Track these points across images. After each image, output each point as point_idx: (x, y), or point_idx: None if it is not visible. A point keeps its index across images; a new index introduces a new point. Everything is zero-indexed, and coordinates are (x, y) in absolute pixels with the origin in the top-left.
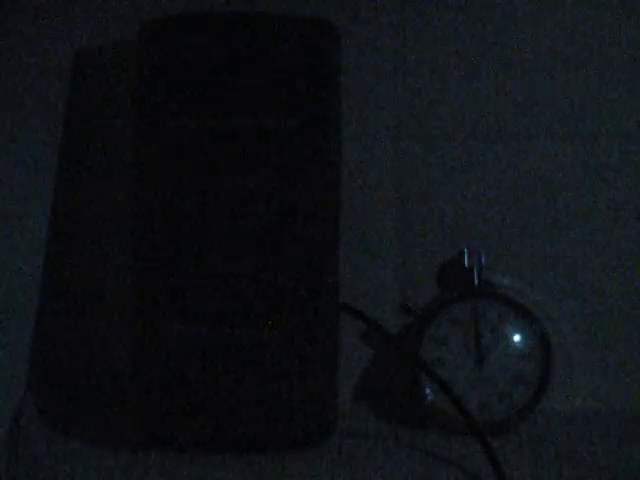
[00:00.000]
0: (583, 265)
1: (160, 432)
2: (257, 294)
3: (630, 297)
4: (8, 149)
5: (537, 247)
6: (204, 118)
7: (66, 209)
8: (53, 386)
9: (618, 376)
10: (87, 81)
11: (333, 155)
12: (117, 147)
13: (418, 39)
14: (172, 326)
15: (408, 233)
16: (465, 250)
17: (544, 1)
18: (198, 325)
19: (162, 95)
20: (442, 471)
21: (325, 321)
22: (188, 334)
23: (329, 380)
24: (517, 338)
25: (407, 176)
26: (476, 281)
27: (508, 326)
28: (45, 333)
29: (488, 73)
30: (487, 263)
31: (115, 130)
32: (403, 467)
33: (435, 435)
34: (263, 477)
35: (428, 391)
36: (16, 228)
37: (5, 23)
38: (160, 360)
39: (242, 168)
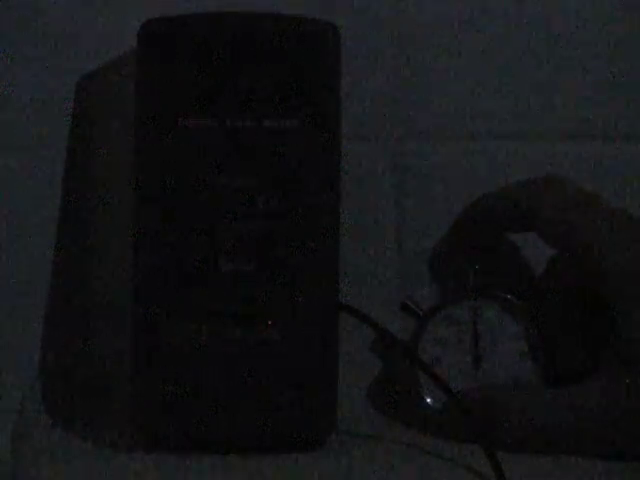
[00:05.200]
0: None
1: (160, 432)
2: (257, 294)
3: None
4: (13, 153)
5: (536, 246)
6: (204, 118)
7: (72, 208)
8: (54, 386)
9: None
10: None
11: (333, 155)
12: (120, 149)
13: (418, 38)
14: (172, 326)
15: (408, 233)
16: None
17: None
18: (198, 325)
19: (162, 95)
20: (442, 471)
21: (325, 321)
22: (188, 334)
23: (329, 380)
24: (515, 338)
25: (407, 176)
26: (473, 282)
27: (506, 326)
28: (47, 334)
29: (489, 72)
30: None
31: (118, 132)
32: (403, 467)
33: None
34: (263, 477)
35: (429, 400)
36: (22, 231)
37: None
38: (160, 360)
39: (242, 168)
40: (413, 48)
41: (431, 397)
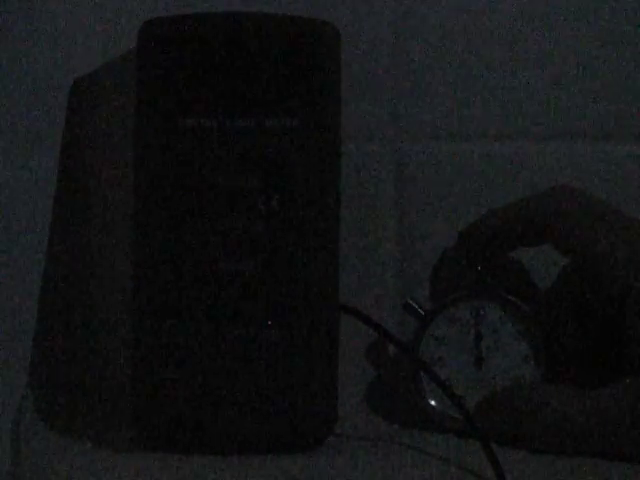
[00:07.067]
0: None
1: (160, 432)
2: (257, 294)
3: None
4: (9, 151)
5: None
6: (204, 118)
7: (66, 208)
8: (53, 386)
9: None
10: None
11: (333, 155)
12: (119, 149)
13: (418, 38)
14: (172, 326)
15: (408, 233)
16: None
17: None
18: (198, 325)
19: (162, 95)
20: (442, 471)
21: (325, 321)
22: (188, 334)
23: (329, 380)
24: (518, 340)
25: (407, 176)
26: (475, 282)
27: (509, 327)
28: (45, 333)
29: (489, 72)
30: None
31: (118, 132)
32: (403, 467)
33: (435, 435)
34: (263, 477)
35: (433, 402)
36: (17, 229)
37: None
38: (159, 360)
39: (242, 168)
40: (413, 48)
41: (431, 398)
